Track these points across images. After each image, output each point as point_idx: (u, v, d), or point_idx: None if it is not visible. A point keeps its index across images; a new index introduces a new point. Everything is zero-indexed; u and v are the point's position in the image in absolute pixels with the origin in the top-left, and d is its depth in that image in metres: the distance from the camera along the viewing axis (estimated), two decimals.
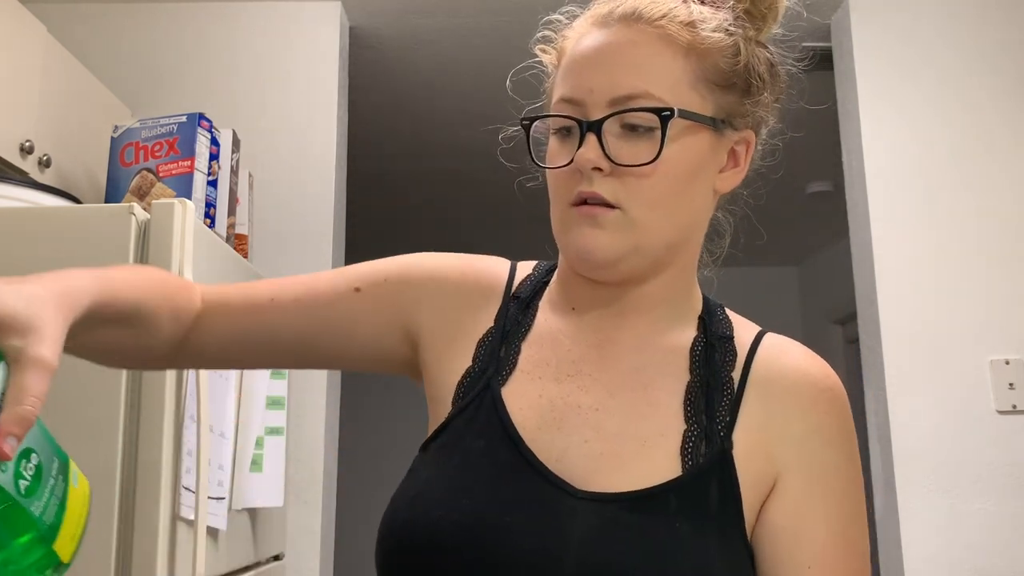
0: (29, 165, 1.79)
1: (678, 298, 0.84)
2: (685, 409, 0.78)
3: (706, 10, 0.81)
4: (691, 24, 0.79)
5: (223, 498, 1.61)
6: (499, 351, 0.82)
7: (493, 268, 0.89)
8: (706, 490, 0.74)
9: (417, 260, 0.89)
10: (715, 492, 0.74)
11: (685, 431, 0.76)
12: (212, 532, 1.56)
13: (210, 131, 1.86)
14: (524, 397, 0.79)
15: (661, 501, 0.73)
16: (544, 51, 0.87)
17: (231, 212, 1.98)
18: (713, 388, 0.79)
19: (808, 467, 0.77)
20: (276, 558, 2.03)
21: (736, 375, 0.80)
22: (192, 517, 1.46)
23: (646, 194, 0.77)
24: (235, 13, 2.55)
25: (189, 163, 1.79)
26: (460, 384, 0.82)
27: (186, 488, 1.45)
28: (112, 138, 1.86)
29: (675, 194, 0.78)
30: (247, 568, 1.79)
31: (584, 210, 0.77)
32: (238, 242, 2.07)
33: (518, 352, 0.82)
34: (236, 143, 2.02)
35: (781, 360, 0.81)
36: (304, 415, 2.32)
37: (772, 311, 5.76)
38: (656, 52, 0.78)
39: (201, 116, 1.83)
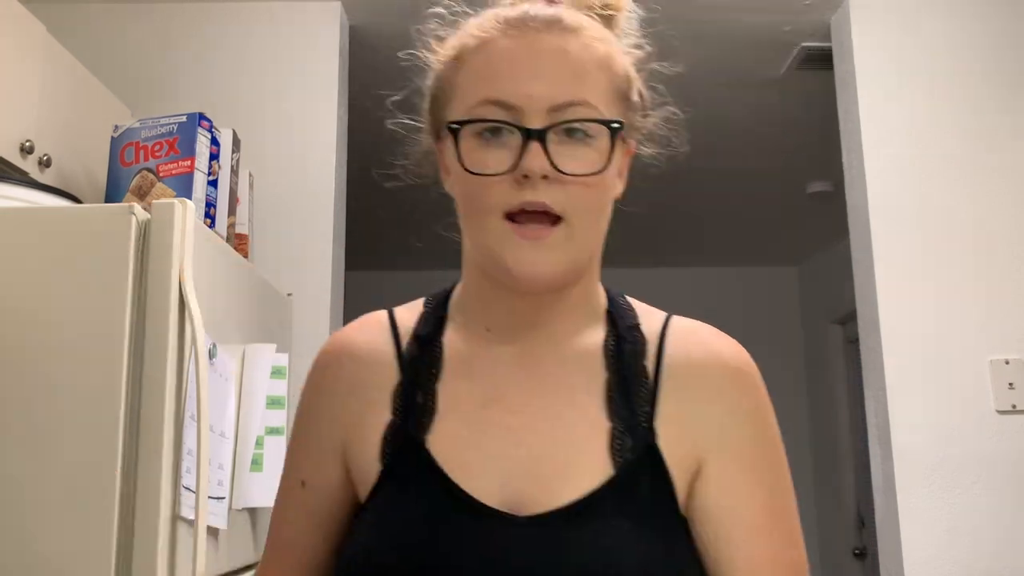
0: (29, 165, 1.79)
1: (588, 299, 0.85)
2: (607, 407, 0.79)
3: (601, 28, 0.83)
4: (604, 40, 0.81)
5: (223, 498, 1.61)
6: (415, 398, 0.81)
7: (362, 334, 0.87)
8: (638, 484, 0.76)
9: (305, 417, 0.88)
10: (647, 484, 0.77)
11: (611, 429, 0.78)
12: (212, 532, 1.56)
13: (210, 131, 1.86)
14: (452, 437, 0.79)
15: (599, 506, 0.74)
16: (440, 50, 0.85)
17: (231, 212, 1.98)
18: (629, 381, 0.80)
19: (728, 448, 0.79)
20: None
21: (649, 364, 0.82)
22: (192, 517, 1.46)
23: (587, 203, 0.77)
24: (235, 13, 2.55)
25: (189, 163, 1.79)
26: (384, 439, 0.81)
27: (186, 488, 1.45)
28: (112, 138, 1.86)
29: (605, 204, 0.80)
30: (247, 568, 1.79)
31: (527, 232, 0.75)
32: (238, 242, 2.07)
33: (434, 394, 0.81)
34: (236, 143, 2.02)
35: (691, 345, 0.83)
36: None
37: (772, 311, 5.77)
38: (585, 62, 0.78)
39: (201, 116, 1.83)
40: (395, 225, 4.83)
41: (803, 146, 3.61)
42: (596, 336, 0.84)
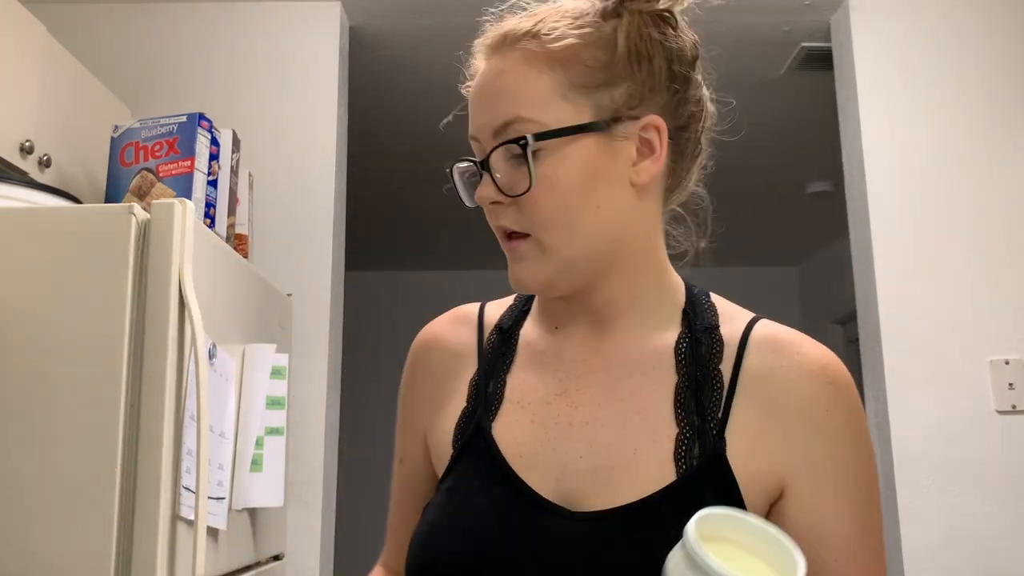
0: (29, 165, 1.79)
1: (648, 298, 0.83)
2: (675, 412, 0.77)
3: (556, 15, 0.80)
4: (536, 36, 0.79)
5: (223, 498, 1.61)
6: (486, 387, 0.85)
7: (452, 326, 0.92)
8: (701, 493, 0.73)
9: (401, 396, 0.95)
10: (710, 494, 0.73)
11: (677, 435, 0.76)
12: (212, 532, 1.56)
13: (210, 131, 1.86)
14: (515, 427, 0.81)
15: (655, 511, 0.73)
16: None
17: (231, 212, 1.98)
18: (702, 384, 0.78)
19: (818, 467, 0.75)
20: (276, 558, 2.03)
21: (725, 368, 0.79)
22: (192, 517, 1.46)
23: (541, 216, 0.77)
24: (235, 13, 2.55)
25: (189, 163, 1.79)
26: (457, 425, 0.85)
27: (186, 488, 1.45)
28: (112, 138, 1.86)
29: (570, 207, 0.77)
30: (247, 568, 1.79)
31: (510, 246, 0.81)
32: (238, 242, 2.07)
33: (503, 385, 0.84)
34: (236, 143, 2.02)
35: (774, 352, 0.79)
36: (304, 415, 2.32)
37: (772, 311, 5.71)
38: (522, 74, 0.78)
39: (201, 116, 1.83)
40: (395, 225, 4.84)
41: (803, 146, 3.61)
42: (668, 336, 0.82)
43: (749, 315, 0.85)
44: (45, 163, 1.83)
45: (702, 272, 0.92)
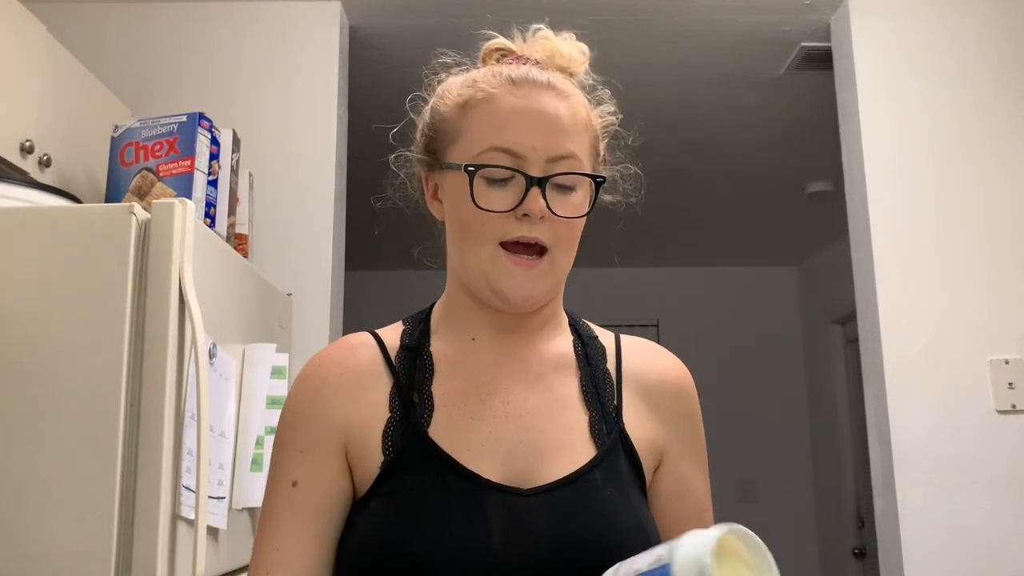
0: (29, 165, 1.79)
1: (556, 312, 1.01)
2: (584, 400, 0.95)
3: (588, 86, 1.00)
4: (586, 107, 0.96)
5: (223, 497, 1.61)
6: (411, 398, 0.92)
7: (350, 350, 0.97)
8: (618, 462, 0.92)
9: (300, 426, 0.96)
10: (624, 462, 0.93)
11: (589, 418, 0.94)
12: (212, 532, 1.56)
13: (210, 131, 1.86)
14: (454, 427, 0.91)
15: (590, 478, 0.89)
16: (448, 96, 0.97)
17: (231, 212, 1.98)
18: (598, 379, 0.97)
19: (683, 441, 0.99)
20: None
21: (611, 367, 0.99)
22: (192, 517, 1.46)
23: (568, 238, 0.93)
24: (235, 13, 2.55)
25: (189, 163, 1.79)
26: (385, 433, 0.90)
27: (186, 488, 1.45)
28: (112, 138, 1.86)
29: (578, 237, 0.95)
30: (247, 568, 1.79)
31: (521, 261, 0.90)
32: (238, 242, 2.07)
33: (430, 394, 0.93)
34: (236, 143, 2.02)
35: (647, 356, 1.01)
36: None
37: (772, 311, 5.76)
38: (576, 121, 0.93)
39: (201, 116, 1.83)
40: (395, 225, 4.83)
41: (803, 146, 3.61)
42: (565, 343, 1.00)
43: (610, 331, 1.04)
44: (45, 163, 1.83)
45: (704, 272, 0.97)
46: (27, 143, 1.76)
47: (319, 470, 0.91)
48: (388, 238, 4.91)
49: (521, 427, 0.92)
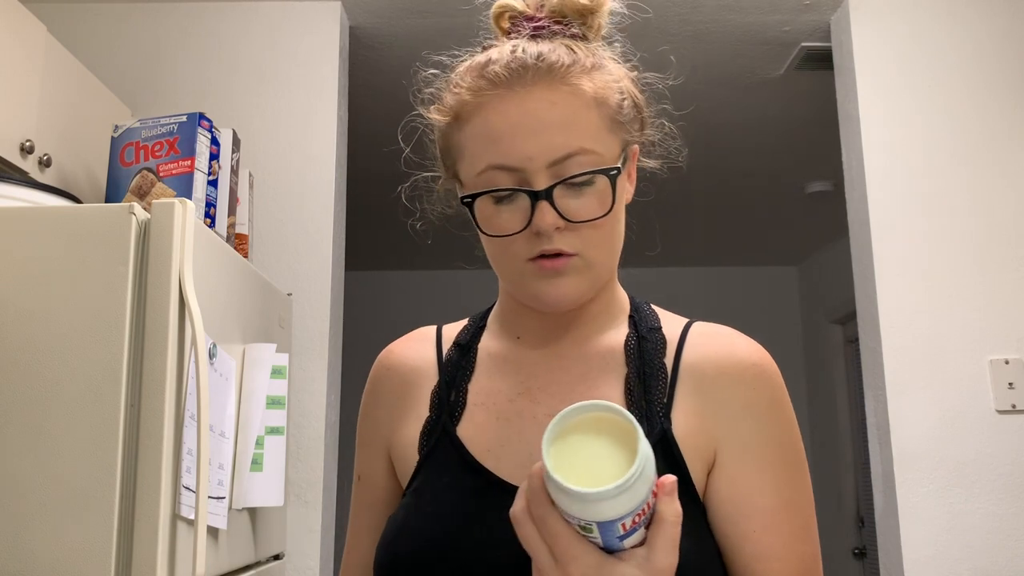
0: (29, 165, 1.79)
1: (609, 305, 0.93)
2: (626, 397, 0.86)
3: (586, 51, 0.87)
4: (591, 71, 0.85)
5: (223, 498, 1.61)
6: (448, 397, 0.91)
7: (411, 344, 0.98)
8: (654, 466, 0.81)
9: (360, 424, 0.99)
10: (661, 466, 0.79)
11: None
12: (212, 532, 1.56)
13: (210, 131, 1.86)
14: (479, 426, 0.88)
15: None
16: (439, 110, 0.90)
17: (231, 212, 1.98)
18: (649, 376, 0.87)
19: (741, 441, 0.84)
20: (276, 558, 2.03)
21: (668, 362, 0.88)
22: (192, 517, 1.46)
23: (599, 239, 0.84)
24: (235, 13, 2.55)
25: (189, 163, 1.79)
26: (422, 434, 0.90)
27: (186, 488, 1.45)
28: (112, 138, 1.86)
29: (617, 231, 0.87)
30: (247, 568, 1.79)
31: (546, 265, 0.83)
32: (238, 242, 2.07)
33: (465, 392, 0.91)
34: (236, 143, 2.02)
35: (709, 344, 0.88)
36: (304, 415, 2.32)
37: (772, 311, 5.76)
38: (575, 107, 0.83)
39: (201, 116, 1.83)
40: (395, 225, 4.83)
41: (803, 146, 3.61)
42: (617, 336, 0.91)
43: (685, 319, 0.93)
44: (45, 163, 1.83)
45: (704, 272, 0.95)
46: (27, 143, 1.76)
47: (375, 466, 0.95)
48: (388, 238, 4.92)
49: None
